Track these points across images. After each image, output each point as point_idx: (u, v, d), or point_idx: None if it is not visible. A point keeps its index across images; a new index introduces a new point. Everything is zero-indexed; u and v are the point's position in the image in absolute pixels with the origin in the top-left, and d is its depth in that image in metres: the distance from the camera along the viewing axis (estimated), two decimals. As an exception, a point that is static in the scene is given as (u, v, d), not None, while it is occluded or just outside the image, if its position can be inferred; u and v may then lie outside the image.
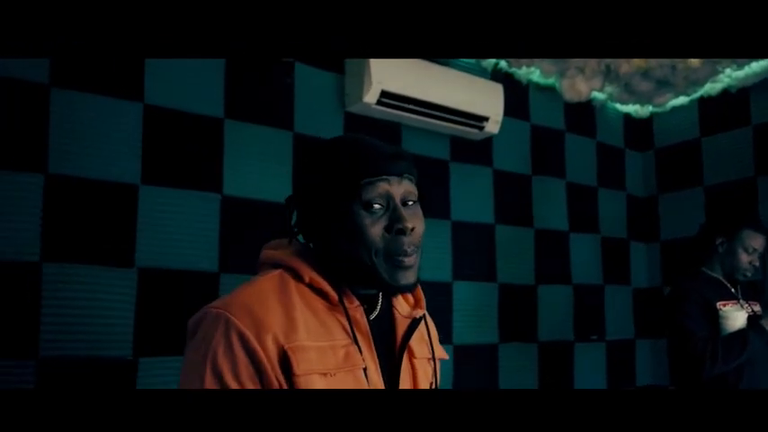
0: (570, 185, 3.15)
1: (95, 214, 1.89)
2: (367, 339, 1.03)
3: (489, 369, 2.72)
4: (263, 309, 0.95)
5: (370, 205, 0.99)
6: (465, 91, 2.60)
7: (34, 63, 1.84)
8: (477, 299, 2.73)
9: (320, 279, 1.02)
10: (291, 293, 0.99)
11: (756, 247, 2.22)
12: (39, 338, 1.76)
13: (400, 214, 1.00)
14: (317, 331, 0.98)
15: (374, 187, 0.99)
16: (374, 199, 0.99)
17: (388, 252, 0.99)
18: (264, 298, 0.97)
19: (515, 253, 2.89)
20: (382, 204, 1.00)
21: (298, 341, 0.94)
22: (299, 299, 1.00)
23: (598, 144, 3.31)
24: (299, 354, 0.93)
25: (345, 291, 1.03)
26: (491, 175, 2.86)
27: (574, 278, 3.08)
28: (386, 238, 1.00)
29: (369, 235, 0.99)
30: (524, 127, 3.02)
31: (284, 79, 2.32)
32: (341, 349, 0.99)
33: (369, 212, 0.99)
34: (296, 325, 0.96)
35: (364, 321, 1.04)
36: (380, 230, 0.99)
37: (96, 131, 1.92)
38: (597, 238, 3.23)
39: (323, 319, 1.00)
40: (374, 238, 0.99)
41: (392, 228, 0.99)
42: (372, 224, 0.99)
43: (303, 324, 0.97)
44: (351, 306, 1.03)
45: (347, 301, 1.03)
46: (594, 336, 3.13)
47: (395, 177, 1.01)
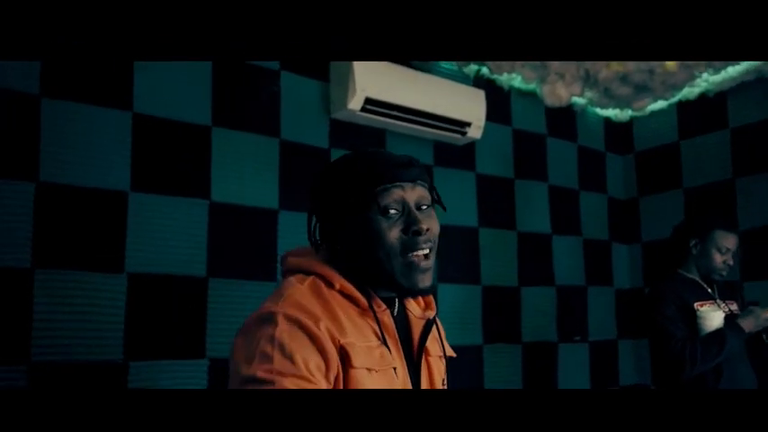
0: (552, 188, 3.22)
1: (86, 221, 1.93)
2: (395, 341, 1.10)
3: (474, 370, 2.78)
4: (314, 305, 1.02)
5: (386, 211, 1.05)
6: (448, 97, 2.66)
7: (25, 73, 1.88)
8: (462, 301, 2.79)
9: (350, 286, 1.08)
10: (327, 298, 1.06)
11: (729, 246, 2.27)
12: (30, 344, 1.80)
13: (415, 217, 1.07)
14: (354, 332, 1.04)
15: (389, 193, 1.06)
16: (390, 204, 1.05)
17: (404, 252, 1.05)
18: (308, 299, 1.03)
19: (499, 255, 2.95)
20: (398, 210, 1.06)
21: (349, 338, 1.02)
22: (337, 305, 1.06)
23: (579, 148, 3.38)
24: (353, 349, 1.00)
25: (373, 296, 1.09)
26: (474, 180, 2.92)
27: (557, 280, 3.15)
28: (402, 239, 1.06)
29: (386, 238, 1.05)
30: (507, 132, 3.09)
31: (270, 87, 2.37)
32: (376, 350, 1.06)
33: (385, 218, 1.05)
34: (342, 324, 1.03)
35: (392, 324, 1.11)
36: (398, 233, 1.06)
37: (86, 140, 1.96)
38: (579, 240, 3.30)
39: (356, 322, 1.07)
40: (392, 241, 1.05)
41: (408, 230, 1.06)
42: (389, 228, 1.05)
43: (348, 325, 1.04)
44: (379, 310, 1.09)
45: (375, 305, 1.09)
46: (578, 336, 3.19)
47: (408, 183, 1.08)
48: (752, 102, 3.05)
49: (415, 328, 1.17)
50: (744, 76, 3.00)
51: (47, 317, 1.83)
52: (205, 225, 2.15)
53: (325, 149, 2.48)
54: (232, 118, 2.26)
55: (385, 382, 1.04)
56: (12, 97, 1.86)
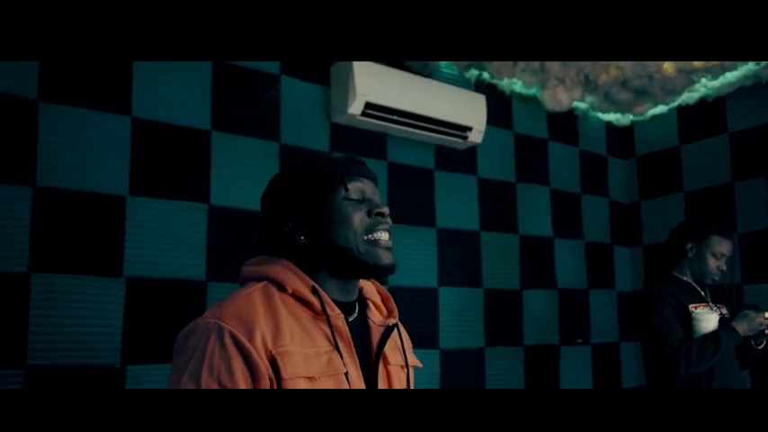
0: (554, 192, 3.14)
1: (84, 225, 1.87)
2: (348, 346, 1.07)
3: (476, 373, 2.69)
4: (251, 315, 0.99)
5: (349, 197, 1.10)
6: (448, 102, 2.59)
7: (23, 78, 1.83)
8: (463, 304, 2.71)
9: (303, 289, 1.06)
10: (276, 303, 1.03)
11: (724, 252, 2.22)
12: (27, 348, 1.74)
13: (377, 202, 1.12)
14: (301, 338, 1.02)
15: (354, 183, 1.11)
16: (355, 192, 1.10)
17: (368, 231, 1.09)
18: (251, 306, 1.01)
19: (500, 259, 2.87)
20: (359, 197, 1.11)
21: (284, 346, 0.98)
22: (284, 308, 1.03)
23: (581, 152, 3.30)
24: (285, 358, 0.97)
25: (327, 300, 1.07)
26: (476, 183, 2.85)
27: (559, 283, 3.06)
28: (366, 221, 1.10)
29: (352, 219, 1.09)
30: (508, 136, 3.01)
31: (270, 91, 2.31)
32: (324, 355, 1.03)
33: (350, 202, 1.10)
34: (282, 332, 0.99)
35: (346, 329, 1.08)
36: (362, 215, 1.10)
37: (84, 144, 1.90)
38: (581, 244, 3.22)
39: (306, 327, 1.04)
40: (357, 222, 1.09)
41: (372, 212, 1.10)
42: (355, 211, 1.09)
43: (288, 331, 1.00)
44: (332, 314, 1.06)
45: (329, 309, 1.06)
46: (580, 339, 3.11)
47: (368, 180, 1.14)
48: (750, 106, 2.97)
49: (374, 334, 1.14)
50: (742, 81, 2.92)
51: (44, 321, 1.77)
52: (204, 229, 2.09)
53: (325, 153, 2.42)
54: (232, 122, 2.20)
55: (330, 386, 1.01)
56: (9, 101, 1.80)
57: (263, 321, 0.99)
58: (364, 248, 1.08)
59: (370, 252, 1.09)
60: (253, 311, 1.00)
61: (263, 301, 1.03)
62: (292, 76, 2.36)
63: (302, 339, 1.01)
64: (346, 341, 1.07)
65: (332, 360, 1.03)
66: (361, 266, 1.09)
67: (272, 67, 2.31)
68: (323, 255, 1.09)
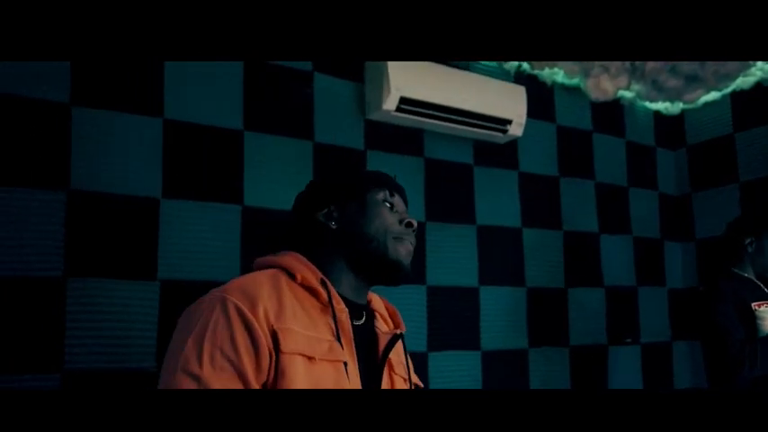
0: (600, 186, 2.99)
1: (117, 229, 1.84)
2: (349, 341, 1.09)
3: (519, 374, 2.58)
4: (257, 290, 1.02)
5: (387, 199, 1.20)
6: (486, 94, 2.47)
7: (55, 82, 1.81)
8: (506, 303, 2.60)
9: (312, 279, 1.09)
10: (282, 286, 1.06)
11: None
12: (64, 352, 1.72)
13: (408, 216, 1.22)
14: (304, 321, 1.04)
15: (395, 196, 1.23)
16: (394, 203, 1.21)
17: (398, 235, 1.17)
18: (258, 283, 1.04)
19: (544, 256, 2.75)
20: (395, 208, 1.22)
21: (286, 323, 1.00)
22: (290, 292, 1.06)
23: (628, 143, 3.14)
24: (286, 333, 0.99)
25: (334, 293, 1.10)
26: (517, 178, 2.73)
27: (606, 280, 2.92)
28: (397, 226, 1.18)
29: (387, 219, 1.18)
30: (550, 128, 2.88)
31: (303, 89, 2.24)
32: (325, 342, 1.04)
33: (386, 206, 1.20)
34: (285, 310, 1.02)
35: (348, 324, 1.10)
36: (396, 220, 1.19)
37: (117, 147, 1.87)
38: (629, 239, 3.05)
39: (311, 314, 1.06)
40: (391, 223, 1.18)
41: (403, 221, 1.20)
42: (390, 214, 1.20)
43: (291, 311, 1.03)
44: (338, 307, 1.09)
45: (335, 302, 1.09)
46: (629, 339, 2.95)
47: (403, 201, 1.25)
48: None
49: (381, 341, 1.17)
50: (803, 62, 2.72)
51: (79, 325, 1.75)
52: (238, 230, 2.04)
53: (360, 151, 2.34)
54: (264, 121, 2.14)
55: (331, 373, 1.02)
56: (43, 106, 1.79)
57: (266, 298, 1.01)
58: (391, 244, 1.15)
59: (395, 249, 1.15)
60: (258, 288, 1.02)
61: (270, 281, 1.05)
62: (325, 73, 2.29)
63: (305, 323, 1.04)
64: (348, 336, 1.08)
65: (333, 348, 1.04)
66: (382, 259, 1.14)
67: (305, 65, 2.25)
68: (349, 242, 1.16)
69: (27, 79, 1.77)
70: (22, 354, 1.66)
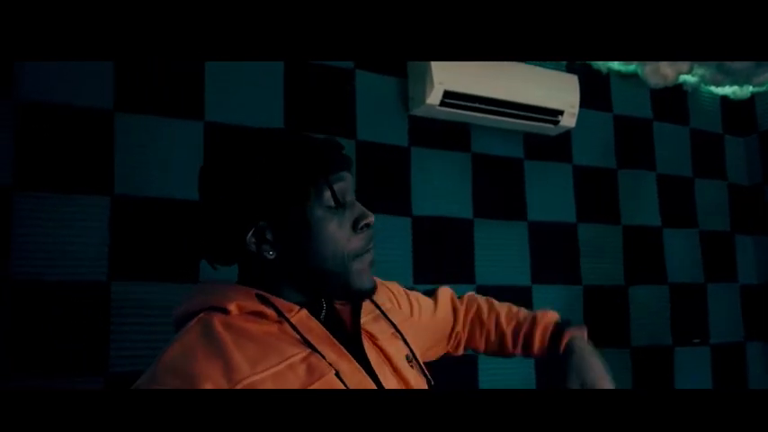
0: (662, 177, 2.79)
1: (159, 232, 1.84)
2: (328, 341, 0.88)
3: (576, 377, 2.44)
4: (189, 363, 0.80)
5: (331, 207, 0.87)
6: (535, 84, 2.34)
7: (99, 90, 1.82)
8: (560, 303, 2.46)
9: (247, 302, 0.86)
10: (217, 333, 0.84)
11: None
12: (108, 355, 1.73)
13: (362, 209, 0.90)
14: (264, 358, 0.82)
15: (336, 186, 0.87)
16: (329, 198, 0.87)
17: (358, 253, 0.89)
18: (188, 352, 0.82)
19: (602, 253, 2.58)
20: (342, 203, 0.88)
21: (245, 378, 0.80)
22: (230, 334, 0.84)
23: (692, 131, 2.92)
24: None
25: (280, 303, 0.87)
26: (571, 172, 2.58)
27: (670, 277, 2.72)
28: (352, 240, 0.88)
29: (338, 238, 0.87)
30: (607, 118, 2.71)
31: (344, 87, 2.18)
32: (300, 365, 0.84)
33: (332, 212, 0.87)
34: (234, 363, 0.80)
35: (316, 324, 0.89)
36: (347, 232, 0.88)
37: (159, 152, 1.87)
38: (695, 233, 2.84)
39: (268, 342, 0.85)
40: (343, 241, 0.87)
41: (358, 224, 0.88)
42: (339, 226, 0.87)
43: (243, 359, 0.81)
44: (293, 314, 0.87)
45: (285, 311, 0.87)
46: (697, 339, 2.74)
47: (347, 173, 0.90)
48: None
49: (345, 318, 0.96)
50: None
51: (123, 328, 1.75)
52: (280, 232, 2.00)
53: (404, 148, 2.26)
54: (305, 121, 2.09)
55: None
56: (88, 114, 1.80)
57: (205, 363, 0.79)
58: (352, 271, 0.88)
59: (358, 276, 0.89)
60: (190, 358, 0.80)
61: (200, 338, 0.83)
62: (367, 70, 2.23)
63: (266, 359, 0.82)
64: (323, 337, 0.88)
65: (312, 366, 0.84)
66: (341, 290, 0.90)
67: (346, 63, 2.19)
68: (297, 275, 0.89)
69: (72, 88, 1.79)
70: (67, 357, 1.68)
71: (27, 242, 1.68)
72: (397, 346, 0.98)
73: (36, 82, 1.74)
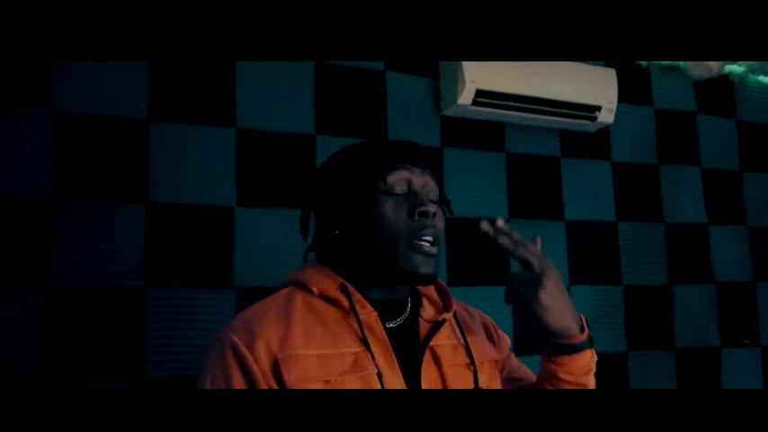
0: (707, 172, 2.68)
1: (194, 238, 1.86)
2: (383, 345, 0.96)
3: (617, 381, 2.37)
4: (259, 321, 0.93)
5: (390, 191, 0.96)
6: (570, 80, 2.28)
7: (134, 100, 1.85)
8: (600, 303, 2.39)
9: (329, 288, 0.97)
10: (295, 307, 0.96)
11: None
12: (146, 359, 1.76)
13: (422, 199, 0.97)
14: (322, 340, 0.93)
15: (397, 173, 0.97)
16: (396, 184, 0.97)
17: (410, 235, 0.95)
18: (263, 313, 0.95)
19: (643, 251, 2.50)
20: (403, 191, 0.97)
21: (292, 350, 0.90)
22: (305, 310, 0.96)
23: (739, 123, 2.79)
24: (291, 362, 0.89)
25: (357, 298, 0.97)
26: (610, 169, 2.50)
27: (717, 276, 2.61)
28: (408, 222, 0.95)
29: (391, 219, 0.95)
30: (647, 113, 2.62)
31: (375, 89, 2.17)
32: (349, 356, 0.93)
33: (391, 197, 0.96)
34: (293, 335, 0.91)
35: (379, 327, 0.97)
36: (403, 216, 0.96)
37: (193, 159, 1.89)
38: (743, 230, 2.72)
39: (332, 328, 0.95)
40: (396, 223, 0.95)
41: (414, 211, 0.95)
42: (395, 209, 0.96)
43: (303, 334, 0.92)
44: (363, 311, 0.96)
45: (359, 307, 0.96)
46: (746, 340, 2.63)
47: (416, 168, 0.99)
48: None
49: (422, 332, 1.01)
50: None
51: (160, 333, 1.78)
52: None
53: (436, 148, 2.23)
54: (336, 124, 2.09)
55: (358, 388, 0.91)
56: (123, 124, 1.83)
57: (269, 326, 0.92)
58: (403, 252, 0.95)
59: (408, 257, 0.95)
60: (261, 318, 0.94)
61: (279, 306, 0.97)
62: (397, 71, 2.20)
63: (323, 340, 0.92)
64: (381, 340, 0.95)
65: (359, 360, 0.92)
66: (395, 271, 0.96)
67: (377, 64, 2.17)
68: (355, 249, 0.98)
69: (107, 99, 1.83)
70: (107, 361, 1.72)
71: (66, 250, 1.73)
72: (464, 377, 1.00)
73: (72, 94, 1.79)
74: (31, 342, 1.67)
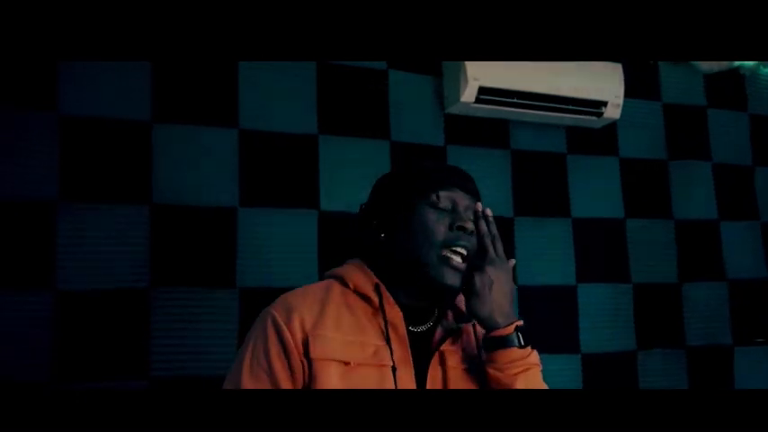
0: (718, 167, 2.64)
1: (197, 239, 1.88)
2: (403, 344, 1.06)
3: (626, 380, 2.35)
4: (299, 301, 1.05)
5: (436, 204, 1.07)
6: (576, 75, 2.26)
7: (137, 102, 1.88)
8: (608, 302, 2.37)
9: (363, 285, 1.07)
10: (331, 296, 1.07)
11: None
12: (150, 359, 1.78)
13: (462, 216, 1.07)
14: (350, 327, 1.04)
15: (446, 192, 1.09)
16: (442, 200, 1.08)
17: (443, 245, 1.05)
18: (303, 295, 1.07)
19: (652, 248, 2.47)
20: (448, 207, 1.08)
21: (322, 330, 1.01)
22: (340, 301, 1.06)
23: (751, 117, 2.75)
24: (318, 340, 1.00)
25: (387, 298, 1.07)
26: (617, 165, 2.48)
27: (729, 273, 2.58)
28: (446, 234, 1.06)
29: (431, 228, 1.05)
30: (655, 108, 2.59)
31: (376, 87, 2.17)
32: (371, 347, 1.03)
33: (435, 210, 1.07)
34: (325, 318, 1.03)
35: (402, 328, 1.06)
36: (443, 228, 1.06)
37: (196, 160, 1.92)
38: (756, 225, 2.68)
39: (361, 321, 1.06)
40: (435, 232, 1.05)
41: (453, 225, 1.06)
42: (437, 221, 1.06)
43: (334, 319, 1.03)
44: (390, 311, 1.06)
45: (388, 306, 1.06)
46: (760, 338, 2.60)
47: (464, 193, 1.10)
48: None
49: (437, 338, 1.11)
50: None
51: (164, 333, 1.80)
52: (315, 235, 2.01)
53: (440, 147, 2.23)
54: (339, 124, 2.10)
55: (373, 378, 1.01)
56: (126, 126, 1.86)
57: (306, 307, 1.03)
58: (434, 262, 1.04)
59: (437, 268, 1.05)
60: (301, 299, 1.05)
61: (318, 292, 1.08)
62: (400, 69, 2.21)
63: (350, 329, 1.03)
64: (401, 339, 1.06)
65: (379, 352, 1.03)
66: (423, 277, 1.05)
67: (379, 64, 2.18)
68: (394, 255, 1.08)
69: (111, 102, 1.85)
70: (111, 361, 1.74)
71: (71, 252, 1.76)
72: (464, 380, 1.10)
73: (77, 97, 1.82)
74: (37, 343, 1.70)
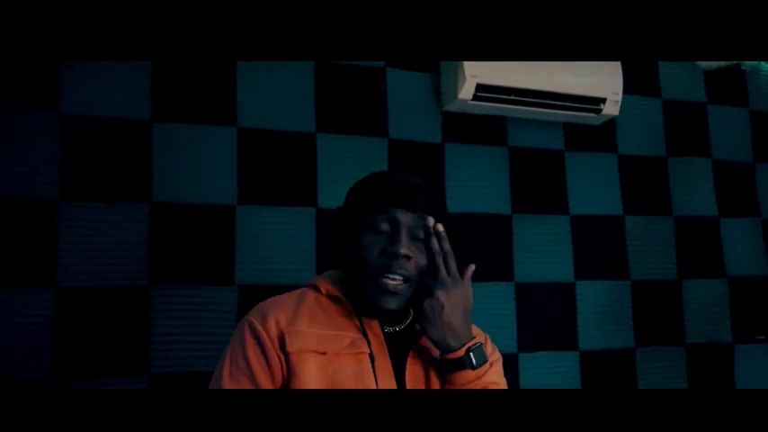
0: (718, 164, 2.64)
1: (196, 237, 1.90)
2: (378, 337, 1.10)
3: (625, 378, 2.35)
4: (273, 306, 1.09)
5: (373, 228, 1.07)
6: (574, 72, 2.26)
7: (137, 101, 1.90)
8: (607, 299, 2.38)
9: (334, 289, 1.12)
10: (305, 300, 1.11)
11: None
12: (149, 357, 1.81)
13: (397, 240, 1.06)
14: (324, 325, 1.08)
15: (383, 215, 1.07)
16: (379, 224, 1.07)
17: (377, 273, 1.06)
18: (278, 302, 1.11)
19: (651, 245, 2.48)
20: (386, 230, 1.08)
21: (297, 327, 1.05)
22: (314, 305, 1.10)
23: (752, 113, 2.75)
24: (294, 335, 1.04)
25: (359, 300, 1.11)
26: (616, 162, 2.49)
27: (729, 270, 2.58)
28: (379, 260, 1.06)
29: (364, 254, 1.07)
30: (655, 104, 2.59)
31: (375, 86, 2.19)
32: (347, 338, 1.07)
33: (371, 233, 1.08)
34: (299, 317, 1.07)
35: (376, 325, 1.11)
36: (377, 252, 1.07)
37: (195, 159, 1.94)
38: (757, 222, 2.68)
39: (335, 320, 1.10)
40: (368, 258, 1.06)
41: (385, 251, 1.06)
42: (373, 245, 1.07)
43: (309, 318, 1.07)
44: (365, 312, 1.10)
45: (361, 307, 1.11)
46: (761, 335, 2.60)
47: (404, 211, 1.07)
48: None
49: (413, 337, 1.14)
50: None
51: (164, 331, 1.83)
52: (313, 233, 2.03)
53: (437, 144, 2.25)
54: (336, 122, 2.11)
55: (351, 367, 1.04)
56: (126, 125, 1.88)
57: (281, 310, 1.07)
58: (371, 288, 1.07)
59: (373, 293, 1.07)
60: (274, 304, 1.09)
61: (292, 298, 1.12)
62: (398, 67, 2.22)
63: (326, 325, 1.07)
64: (376, 334, 1.09)
65: (355, 342, 1.07)
66: (365, 294, 1.08)
67: (377, 62, 2.19)
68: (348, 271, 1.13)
69: (111, 101, 1.88)
70: (111, 359, 1.77)
71: (72, 250, 1.78)
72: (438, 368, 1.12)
73: (78, 97, 1.84)
74: (38, 340, 1.73)
